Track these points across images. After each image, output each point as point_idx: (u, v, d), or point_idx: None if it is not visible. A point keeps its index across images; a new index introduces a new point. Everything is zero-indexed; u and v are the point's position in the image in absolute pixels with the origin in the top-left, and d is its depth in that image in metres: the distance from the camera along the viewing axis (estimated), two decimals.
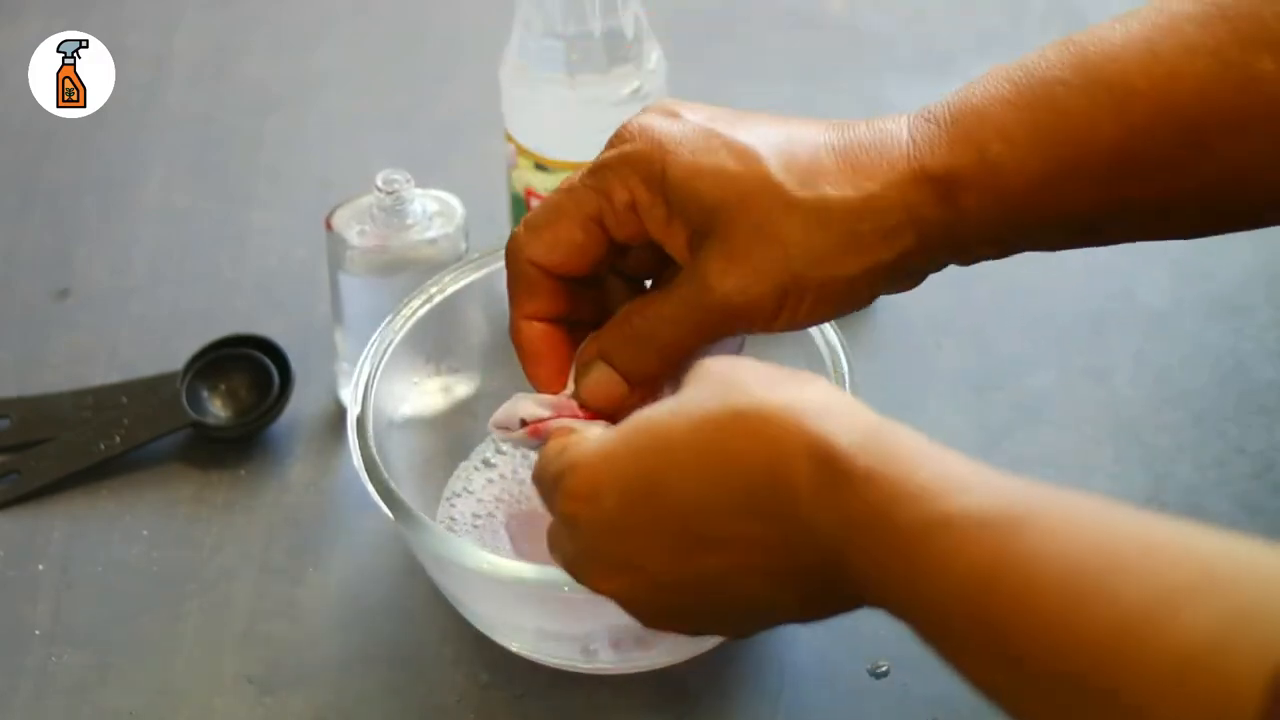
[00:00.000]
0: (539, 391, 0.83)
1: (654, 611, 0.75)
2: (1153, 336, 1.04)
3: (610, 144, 0.80)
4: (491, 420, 0.84)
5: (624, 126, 0.80)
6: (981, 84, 0.79)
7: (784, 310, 0.78)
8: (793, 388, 0.71)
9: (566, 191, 0.81)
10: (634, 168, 0.78)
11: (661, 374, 0.81)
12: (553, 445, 0.77)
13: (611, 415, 0.81)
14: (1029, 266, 1.07)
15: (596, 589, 0.75)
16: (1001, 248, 0.80)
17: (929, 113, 0.79)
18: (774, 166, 0.77)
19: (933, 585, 0.66)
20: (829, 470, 0.68)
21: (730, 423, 0.70)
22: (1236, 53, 0.76)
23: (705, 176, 0.77)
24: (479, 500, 0.94)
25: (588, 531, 0.74)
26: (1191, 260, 1.08)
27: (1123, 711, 0.60)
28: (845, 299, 0.79)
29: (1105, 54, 0.77)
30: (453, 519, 0.93)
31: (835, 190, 0.77)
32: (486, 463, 0.96)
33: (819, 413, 0.69)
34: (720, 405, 0.71)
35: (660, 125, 0.79)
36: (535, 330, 0.82)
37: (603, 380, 0.81)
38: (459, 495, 0.94)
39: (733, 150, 0.78)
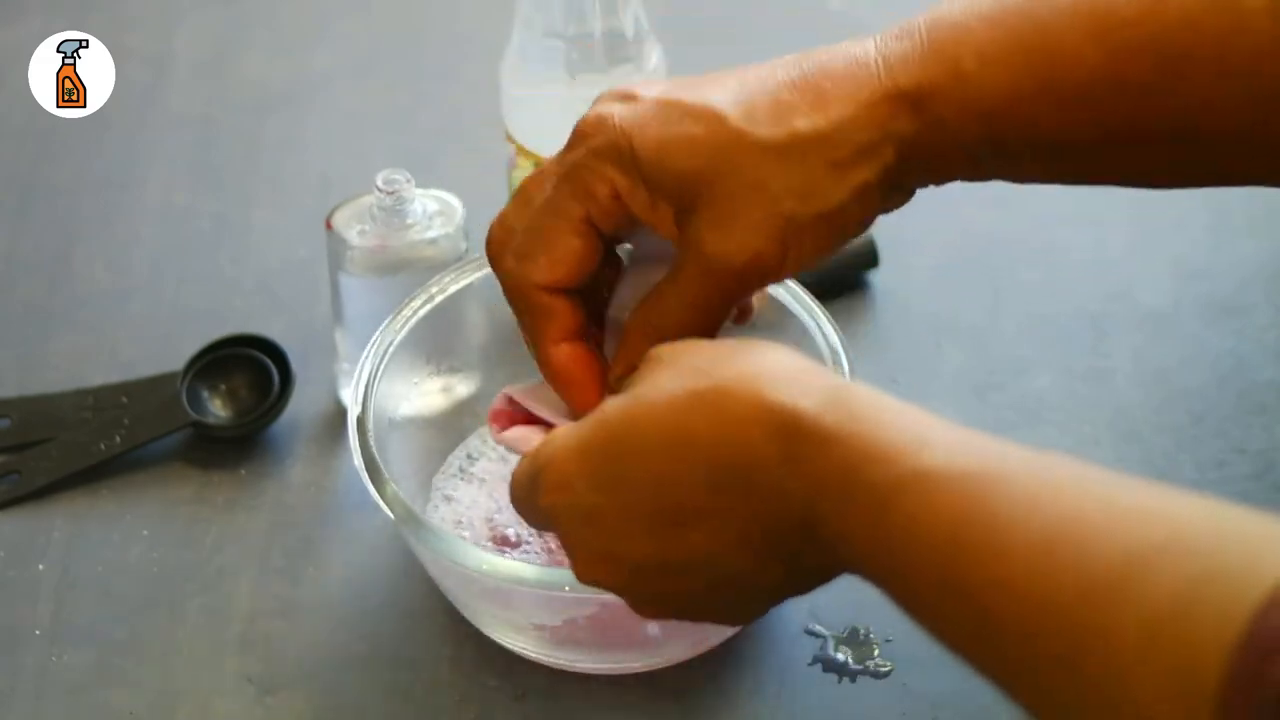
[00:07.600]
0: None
1: (645, 597, 0.75)
2: (1152, 336, 1.04)
3: (571, 143, 0.79)
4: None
5: (581, 122, 0.79)
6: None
7: (788, 255, 0.77)
8: (746, 359, 0.71)
9: (545, 209, 0.79)
10: (605, 159, 0.78)
11: None
12: (526, 456, 0.77)
13: None
14: (1029, 266, 1.08)
15: (583, 579, 0.75)
16: (976, 168, 0.79)
17: (901, 29, 0.78)
18: (737, 118, 0.76)
19: (901, 544, 0.66)
20: (794, 436, 0.68)
21: (691, 405, 0.70)
22: None
23: (673, 149, 0.77)
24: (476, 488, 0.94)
25: (567, 523, 0.74)
26: (1191, 260, 1.08)
27: (1089, 675, 0.60)
28: (841, 228, 0.78)
29: None
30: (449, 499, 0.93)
31: (804, 123, 0.76)
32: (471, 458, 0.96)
33: (776, 381, 0.70)
34: (679, 389, 0.71)
35: (618, 111, 0.78)
36: (565, 353, 0.81)
37: None
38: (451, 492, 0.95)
39: (693, 115, 0.77)
